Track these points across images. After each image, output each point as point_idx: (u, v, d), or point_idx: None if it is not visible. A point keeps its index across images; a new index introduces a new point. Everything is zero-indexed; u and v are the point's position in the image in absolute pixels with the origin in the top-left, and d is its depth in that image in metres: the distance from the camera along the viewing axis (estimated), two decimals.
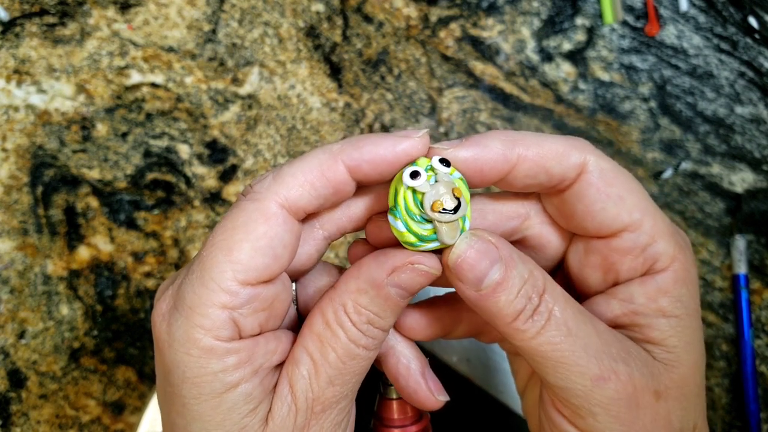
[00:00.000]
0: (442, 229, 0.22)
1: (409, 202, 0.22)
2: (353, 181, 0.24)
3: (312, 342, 0.24)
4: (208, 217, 0.48)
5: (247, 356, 0.23)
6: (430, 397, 0.26)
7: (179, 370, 0.22)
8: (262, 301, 0.23)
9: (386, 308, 0.23)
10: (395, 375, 0.26)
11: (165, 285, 0.24)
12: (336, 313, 0.23)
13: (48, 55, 0.49)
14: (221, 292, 0.22)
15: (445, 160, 0.23)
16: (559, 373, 0.23)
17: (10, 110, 0.48)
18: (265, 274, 0.23)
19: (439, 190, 0.22)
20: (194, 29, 0.49)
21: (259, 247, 0.22)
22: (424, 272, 0.23)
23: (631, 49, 0.49)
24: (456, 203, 0.22)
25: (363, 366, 0.24)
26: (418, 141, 0.23)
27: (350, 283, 0.23)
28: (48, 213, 0.47)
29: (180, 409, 0.23)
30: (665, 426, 0.24)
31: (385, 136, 0.23)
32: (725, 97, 0.48)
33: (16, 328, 0.47)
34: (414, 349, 0.26)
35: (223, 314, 0.22)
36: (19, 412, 0.46)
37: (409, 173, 0.22)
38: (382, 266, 0.23)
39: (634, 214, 0.24)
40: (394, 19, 0.49)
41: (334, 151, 0.23)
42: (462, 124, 0.48)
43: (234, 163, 0.48)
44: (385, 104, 0.49)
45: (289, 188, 0.23)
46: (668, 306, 0.24)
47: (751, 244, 0.47)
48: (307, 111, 0.49)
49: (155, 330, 0.23)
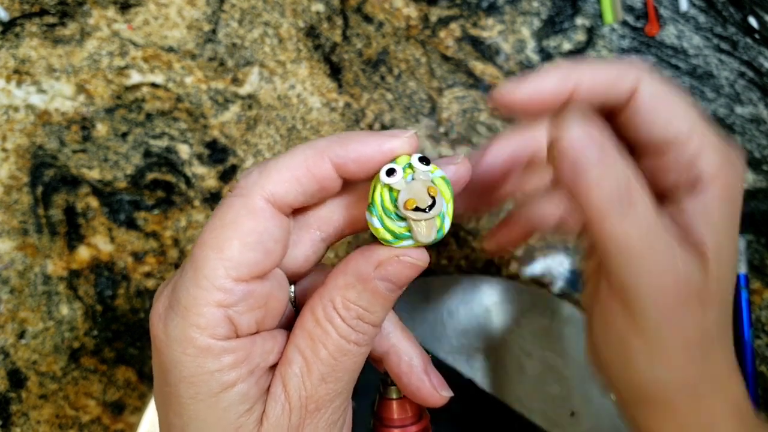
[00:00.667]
0: (415, 228, 0.22)
1: (386, 200, 0.22)
2: (339, 178, 0.24)
3: (303, 340, 0.23)
4: (208, 217, 0.48)
5: (244, 356, 0.23)
6: (434, 393, 0.26)
7: (176, 369, 0.22)
8: (257, 298, 0.23)
9: (375, 302, 0.23)
10: (398, 373, 0.26)
11: (163, 286, 0.24)
12: (325, 310, 0.23)
13: (48, 55, 0.49)
14: (215, 290, 0.22)
15: (425, 158, 0.23)
16: (629, 264, 0.24)
17: (10, 110, 0.48)
18: (258, 269, 0.23)
19: (414, 189, 0.22)
20: (194, 29, 0.49)
21: (248, 242, 0.22)
22: (410, 264, 0.23)
23: (631, 49, 0.49)
24: (431, 201, 0.22)
25: (355, 362, 0.24)
26: (405, 140, 0.23)
27: (338, 279, 0.23)
28: (48, 213, 0.47)
29: (177, 408, 0.23)
30: (704, 333, 0.25)
31: (371, 134, 0.23)
32: (725, 97, 0.48)
33: (16, 328, 0.47)
34: (415, 347, 0.26)
35: (218, 312, 0.22)
36: (19, 412, 0.46)
37: (385, 170, 0.22)
38: (368, 260, 0.23)
39: (681, 129, 0.26)
40: (394, 19, 0.49)
41: (320, 147, 0.23)
42: (462, 124, 0.48)
43: (234, 163, 0.48)
44: (385, 104, 0.49)
45: (274, 183, 0.23)
46: (705, 229, 0.25)
47: (751, 244, 0.47)
48: (307, 111, 0.49)
49: (153, 330, 0.23)
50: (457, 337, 0.44)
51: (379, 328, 0.24)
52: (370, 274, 0.23)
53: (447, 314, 0.44)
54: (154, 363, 0.24)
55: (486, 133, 0.48)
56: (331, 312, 0.23)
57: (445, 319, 0.44)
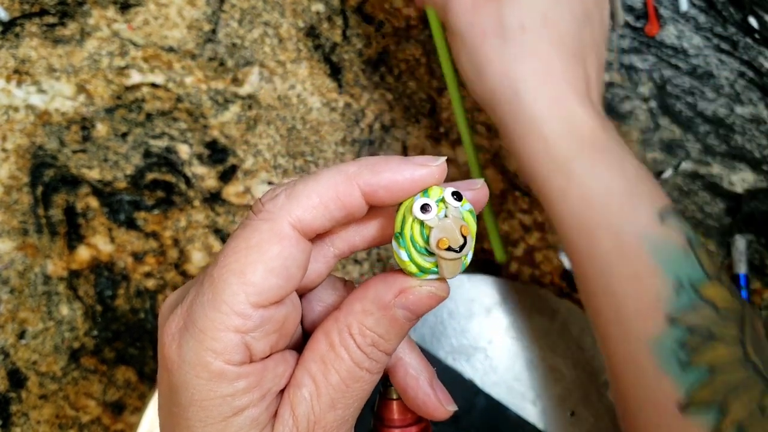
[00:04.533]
0: (444, 265, 0.22)
1: (416, 234, 0.22)
2: (366, 205, 0.23)
3: (315, 364, 0.23)
4: (208, 217, 0.48)
5: (257, 380, 0.23)
6: (440, 408, 0.26)
7: (188, 392, 0.22)
8: (274, 323, 0.23)
9: (391, 330, 0.23)
10: (404, 386, 0.26)
11: (173, 300, 0.24)
12: (341, 335, 0.23)
13: (48, 55, 0.49)
14: (234, 315, 0.22)
15: (458, 192, 0.23)
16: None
17: (10, 110, 0.48)
18: (278, 295, 0.22)
19: (447, 228, 0.22)
20: (194, 29, 0.49)
21: (272, 268, 0.22)
22: (432, 295, 0.23)
23: (631, 49, 0.49)
24: (462, 242, 0.22)
25: (365, 390, 0.24)
26: (435, 170, 0.23)
27: (356, 305, 0.23)
28: (48, 213, 0.47)
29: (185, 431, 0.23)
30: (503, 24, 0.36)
31: (402, 161, 0.23)
32: (725, 97, 0.48)
33: (16, 328, 0.47)
34: (422, 361, 0.26)
35: (235, 338, 0.22)
36: (19, 412, 0.46)
37: (419, 206, 0.22)
38: (389, 288, 0.23)
39: None
40: (394, 19, 0.49)
41: (350, 173, 0.23)
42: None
43: (234, 163, 0.48)
44: (385, 104, 0.49)
45: (303, 209, 0.22)
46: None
47: (751, 244, 0.47)
48: (307, 111, 0.49)
49: (164, 350, 0.23)
50: (457, 337, 0.44)
51: (390, 356, 0.24)
52: (390, 302, 0.23)
53: (447, 314, 0.44)
54: (161, 381, 0.23)
55: (486, 133, 0.48)
56: (346, 337, 0.23)
57: (445, 319, 0.44)
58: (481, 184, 0.24)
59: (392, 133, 0.49)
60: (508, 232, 0.48)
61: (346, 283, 0.27)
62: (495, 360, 0.44)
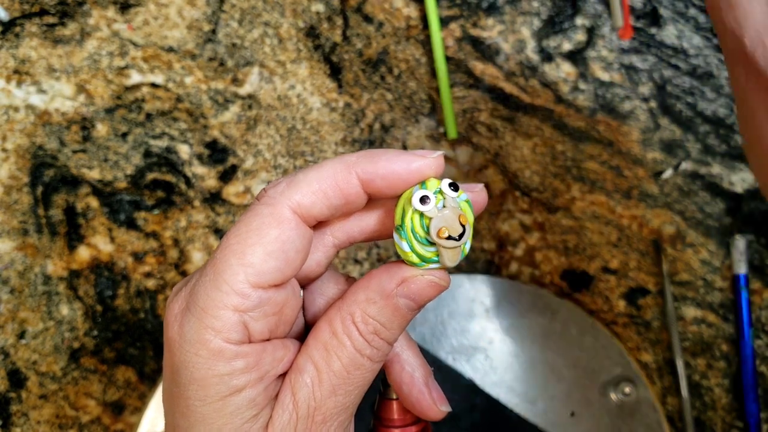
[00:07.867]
0: (444, 254, 0.23)
1: (416, 225, 0.23)
2: (365, 194, 0.24)
3: (317, 351, 0.24)
4: (208, 217, 0.48)
5: (255, 361, 0.23)
6: (433, 407, 0.26)
7: (187, 371, 0.23)
8: (272, 306, 0.23)
9: (393, 319, 0.24)
10: (399, 382, 0.26)
11: (179, 286, 0.24)
12: (344, 322, 0.24)
13: (48, 55, 0.49)
14: (233, 294, 0.22)
15: (454, 183, 0.24)
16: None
17: (10, 110, 0.48)
18: (277, 277, 0.23)
19: (446, 217, 0.23)
20: (194, 29, 0.49)
21: (271, 250, 0.23)
22: (434, 284, 0.24)
23: (631, 49, 0.49)
24: (461, 230, 0.23)
25: (365, 378, 0.24)
26: (432, 161, 0.24)
27: (359, 294, 0.24)
28: (48, 213, 0.47)
29: (184, 410, 0.23)
30: None
31: (400, 152, 0.24)
32: (725, 97, 0.48)
33: (16, 328, 0.47)
34: (419, 358, 0.27)
35: (234, 316, 0.22)
36: (19, 412, 0.46)
37: (418, 198, 0.23)
38: (392, 277, 0.23)
39: None
40: (394, 19, 0.49)
41: (349, 162, 0.24)
42: (462, 124, 0.48)
43: (234, 163, 0.48)
44: (385, 104, 0.49)
45: (302, 194, 0.23)
46: None
47: (751, 244, 0.47)
48: (307, 111, 0.49)
49: (167, 330, 0.23)
50: (457, 338, 0.44)
51: (392, 346, 0.25)
52: (392, 291, 0.23)
53: (447, 314, 0.44)
54: (164, 364, 0.24)
55: (486, 133, 0.48)
56: (349, 325, 0.24)
57: (446, 319, 0.44)
58: (480, 188, 0.25)
59: (392, 133, 0.49)
60: (508, 232, 0.48)
61: (348, 278, 0.27)
62: (495, 360, 0.44)
